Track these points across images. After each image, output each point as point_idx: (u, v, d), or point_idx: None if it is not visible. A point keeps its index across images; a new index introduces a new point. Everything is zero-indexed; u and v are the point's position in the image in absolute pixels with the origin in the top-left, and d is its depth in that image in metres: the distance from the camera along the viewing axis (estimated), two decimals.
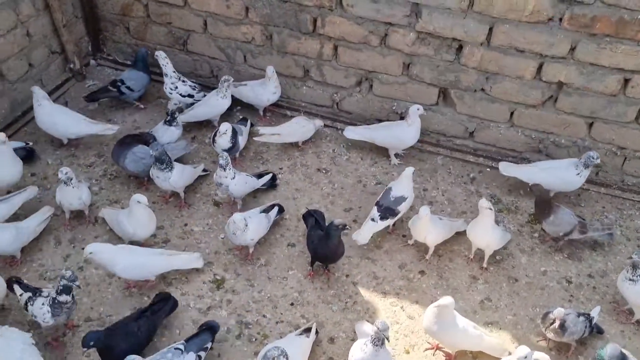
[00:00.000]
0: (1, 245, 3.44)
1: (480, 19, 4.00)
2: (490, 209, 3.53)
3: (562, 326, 3.17)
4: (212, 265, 3.71)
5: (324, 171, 4.43)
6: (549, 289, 3.67)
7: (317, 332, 3.28)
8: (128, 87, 4.72)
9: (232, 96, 4.65)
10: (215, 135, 4.21)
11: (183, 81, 4.71)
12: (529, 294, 3.64)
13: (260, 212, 3.78)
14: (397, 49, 4.34)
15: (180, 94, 4.68)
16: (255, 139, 4.43)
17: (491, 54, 4.12)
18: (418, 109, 4.25)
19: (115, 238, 3.78)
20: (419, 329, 3.41)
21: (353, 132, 4.49)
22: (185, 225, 3.96)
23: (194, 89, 4.74)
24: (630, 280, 3.32)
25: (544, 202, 3.79)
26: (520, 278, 3.73)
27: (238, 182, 3.86)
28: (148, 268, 3.43)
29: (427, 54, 4.29)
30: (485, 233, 3.59)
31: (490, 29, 4.02)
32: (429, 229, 3.63)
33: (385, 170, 4.44)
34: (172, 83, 4.66)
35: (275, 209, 3.90)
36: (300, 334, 3.20)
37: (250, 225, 3.55)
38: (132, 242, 3.70)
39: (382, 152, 4.55)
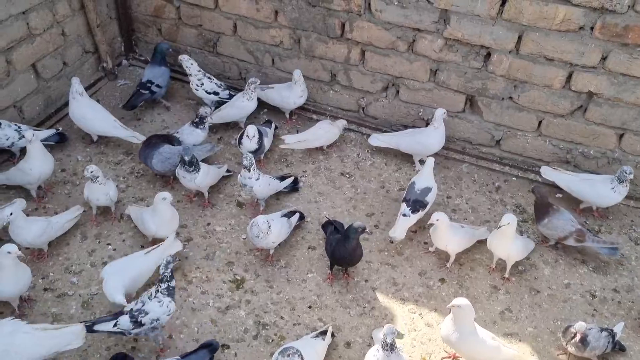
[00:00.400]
0: (30, 238, 3.53)
1: (509, 26, 3.96)
2: (509, 223, 3.46)
3: (584, 341, 3.11)
4: (232, 265, 3.74)
5: (347, 175, 4.43)
6: (572, 302, 3.60)
7: (333, 335, 3.29)
8: (157, 85, 4.82)
9: (259, 99, 4.71)
10: (241, 137, 4.25)
11: (209, 78, 4.79)
12: (551, 306, 3.58)
13: (282, 217, 3.81)
14: (425, 55, 4.33)
15: (206, 91, 4.75)
16: (282, 146, 4.45)
17: (520, 62, 4.08)
18: (444, 113, 4.23)
19: (140, 235, 3.85)
20: (436, 337, 3.38)
21: (377, 140, 4.49)
22: (208, 224, 4.00)
23: (219, 87, 4.80)
24: None
25: (543, 204, 3.76)
26: (543, 290, 3.67)
27: (262, 183, 3.89)
28: (145, 273, 3.41)
29: (454, 60, 4.26)
30: (506, 244, 3.55)
31: (520, 37, 3.97)
32: (449, 236, 3.61)
33: (409, 176, 4.42)
34: (198, 79, 4.74)
35: (297, 215, 3.91)
36: (317, 337, 3.21)
37: (273, 229, 3.58)
38: (155, 240, 3.78)
39: (406, 157, 4.54)
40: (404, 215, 3.81)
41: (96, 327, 3.09)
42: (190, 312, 3.46)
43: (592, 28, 3.77)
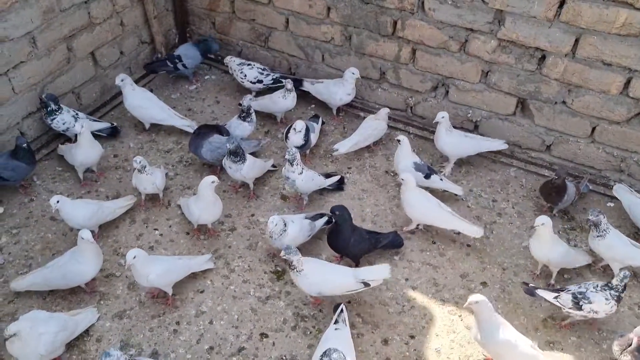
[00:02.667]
0: (80, 220, 3.64)
1: (566, 29, 3.87)
2: (543, 224, 3.43)
3: None
4: (274, 256, 3.78)
5: (392, 174, 4.42)
6: (619, 314, 3.49)
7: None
8: (184, 65, 5.00)
9: (308, 93, 4.78)
10: (288, 131, 4.29)
11: (249, 65, 4.85)
12: None
13: (306, 218, 3.76)
14: (477, 55, 4.27)
15: (251, 82, 4.84)
16: (335, 154, 4.43)
17: (576, 65, 3.98)
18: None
19: (185, 222, 3.94)
20: None
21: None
22: (252, 215, 4.06)
23: (262, 73, 4.86)
24: None
25: (561, 184, 3.86)
26: None
27: (305, 178, 3.91)
28: (175, 272, 3.45)
29: (507, 62, 4.19)
30: (543, 247, 3.49)
31: (577, 40, 3.88)
32: (414, 200, 3.77)
33: (454, 178, 4.37)
34: (240, 72, 4.83)
35: (324, 219, 3.85)
36: (336, 322, 3.19)
37: (289, 230, 3.54)
38: (199, 227, 3.86)
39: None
40: None
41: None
42: (231, 299, 3.52)
43: None
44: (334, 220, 3.49)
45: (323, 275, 3.31)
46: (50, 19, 4.14)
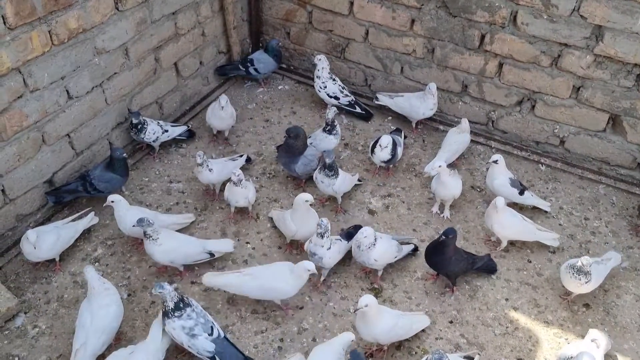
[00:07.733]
0: (127, 226, 3.64)
1: None
2: (366, 305, 3.04)
3: None
4: (369, 273, 3.74)
5: (478, 189, 4.36)
6: None
7: None
8: (255, 69, 5.06)
9: (383, 106, 4.81)
10: (374, 146, 4.25)
11: (333, 79, 4.83)
12: None
13: (393, 239, 3.69)
14: (570, 71, 4.20)
15: (328, 94, 4.80)
16: (425, 176, 4.33)
17: None
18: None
19: (277, 236, 3.92)
20: None
21: None
22: (342, 230, 4.02)
23: (341, 91, 4.83)
24: None
25: None
26: None
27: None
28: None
29: (602, 78, 4.12)
30: (371, 326, 3.14)
31: None
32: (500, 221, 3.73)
33: (541, 194, 4.29)
34: (322, 82, 4.80)
35: (410, 246, 3.79)
36: (463, 358, 3.15)
37: (377, 245, 3.48)
38: (291, 242, 3.84)
39: (533, 172, 4.44)
40: None
41: None
42: (331, 316, 3.49)
43: None
44: (444, 240, 3.40)
45: (177, 245, 3.53)
46: (142, 30, 4.15)
